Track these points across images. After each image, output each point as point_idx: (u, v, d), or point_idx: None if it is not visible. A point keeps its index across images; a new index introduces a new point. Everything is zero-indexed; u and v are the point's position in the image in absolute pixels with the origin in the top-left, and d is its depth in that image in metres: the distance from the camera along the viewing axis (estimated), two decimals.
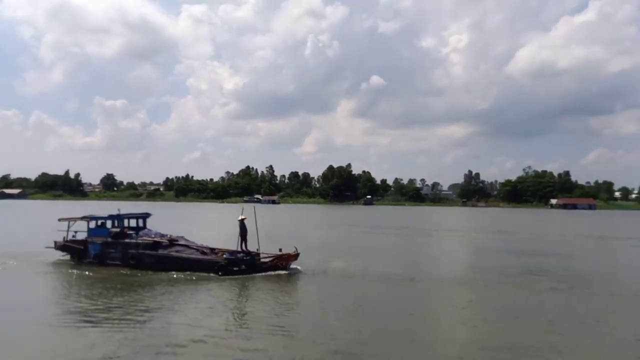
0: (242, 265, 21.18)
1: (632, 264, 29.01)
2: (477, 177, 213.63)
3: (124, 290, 18.22)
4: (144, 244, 22.99)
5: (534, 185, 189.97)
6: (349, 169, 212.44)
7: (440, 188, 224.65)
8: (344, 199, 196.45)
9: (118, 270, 22.21)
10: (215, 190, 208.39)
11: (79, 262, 24.26)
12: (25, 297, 17.18)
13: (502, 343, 11.95)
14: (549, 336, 12.53)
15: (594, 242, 43.68)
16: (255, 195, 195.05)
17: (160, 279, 20.16)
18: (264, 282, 19.91)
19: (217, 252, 22.61)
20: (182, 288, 18.55)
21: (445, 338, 12.54)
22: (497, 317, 14.63)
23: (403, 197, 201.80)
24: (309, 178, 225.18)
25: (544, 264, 26.18)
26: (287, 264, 21.69)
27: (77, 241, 24.99)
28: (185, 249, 22.79)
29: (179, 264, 21.83)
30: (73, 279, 20.74)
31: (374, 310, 15.50)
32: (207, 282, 19.83)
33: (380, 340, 12.06)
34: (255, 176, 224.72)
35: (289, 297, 17.48)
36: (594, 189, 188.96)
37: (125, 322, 13.47)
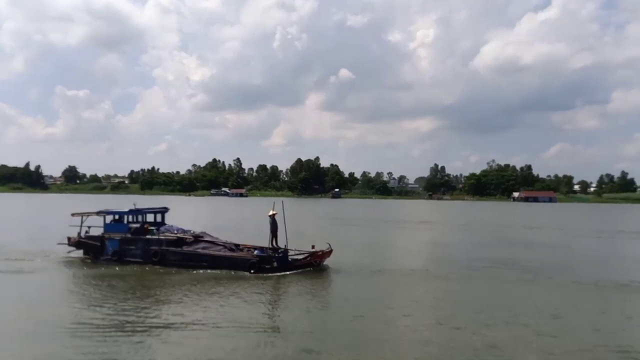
0: (274, 263, 20.38)
1: (590, 254, 30.39)
2: (442, 171, 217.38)
3: (151, 290, 17.40)
4: (167, 240, 22.03)
5: (498, 178, 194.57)
6: (318, 162, 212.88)
7: (407, 181, 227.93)
8: (312, 192, 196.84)
9: (139, 268, 21.33)
10: (182, 183, 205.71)
11: (96, 259, 23.25)
12: (46, 300, 16.11)
13: (470, 338, 12.39)
14: (515, 328, 13.17)
15: (555, 233, 45.41)
16: (223, 189, 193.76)
17: (187, 278, 19.40)
18: (300, 280, 19.11)
19: (242, 249, 21.90)
20: (214, 287, 17.75)
21: (411, 336, 12.54)
22: (463, 311, 15.04)
23: (370, 190, 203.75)
24: (278, 171, 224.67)
25: (509, 255, 27.20)
26: (320, 261, 21.07)
27: (93, 237, 23.86)
28: (212, 245, 21.95)
29: (206, 261, 20.98)
30: (93, 278, 19.64)
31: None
32: (240, 280, 18.96)
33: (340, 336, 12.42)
34: (223, 169, 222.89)
35: (337, 299, 16.69)
36: (554, 183, 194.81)
37: (160, 329, 12.55)
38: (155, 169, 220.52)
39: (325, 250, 21.06)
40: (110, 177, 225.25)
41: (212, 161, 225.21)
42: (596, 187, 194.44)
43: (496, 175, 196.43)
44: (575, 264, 25.29)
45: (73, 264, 22.83)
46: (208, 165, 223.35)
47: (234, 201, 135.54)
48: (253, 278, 19.36)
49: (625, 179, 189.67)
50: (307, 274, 20.10)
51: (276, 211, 21.40)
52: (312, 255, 20.95)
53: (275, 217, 21.51)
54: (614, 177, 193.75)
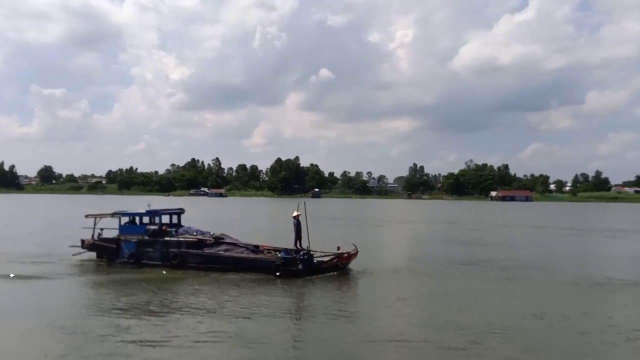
0: (299, 265, 19.64)
1: (567, 252, 31.11)
2: (421, 170, 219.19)
3: (174, 295, 16.81)
4: (187, 242, 21.37)
5: (475, 178, 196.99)
6: (298, 162, 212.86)
7: (386, 181, 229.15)
8: (292, 191, 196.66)
9: (158, 271, 20.64)
10: (160, 183, 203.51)
11: (111, 262, 22.53)
12: (67, 307, 15.11)
13: (449, 334, 12.59)
14: (499, 329, 13.39)
15: (532, 232, 46.27)
16: (202, 188, 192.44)
17: (210, 281, 18.78)
18: (329, 285, 18.52)
19: (262, 250, 21.28)
20: (239, 291, 17.14)
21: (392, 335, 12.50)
22: (444, 308, 15.27)
23: (350, 190, 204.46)
24: (257, 171, 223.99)
25: (488, 254, 27.69)
26: (346, 263, 20.36)
27: (109, 239, 23.13)
28: (234, 247, 21.27)
29: (229, 263, 20.36)
30: (112, 282, 19.01)
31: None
32: (266, 284, 18.37)
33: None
34: (202, 169, 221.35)
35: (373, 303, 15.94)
36: (530, 182, 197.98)
37: (186, 338, 11.87)
38: (133, 168, 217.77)
39: (351, 251, 20.29)
40: (87, 177, 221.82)
41: (191, 161, 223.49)
42: (571, 186, 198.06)
43: (474, 175, 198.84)
44: (552, 262, 25.80)
45: (88, 267, 22.18)
46: (187, 165, 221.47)
47: (214, 201, 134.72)
48: (278, 281, 18.78)
49: (600, 178, 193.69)
50: (334, 277, 19.56)
51: (300, 212, 20.84)
52: (339, 257, 20.22)
53: (299, 217, 20.87)
54: (588, 177, 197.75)
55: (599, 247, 34.53)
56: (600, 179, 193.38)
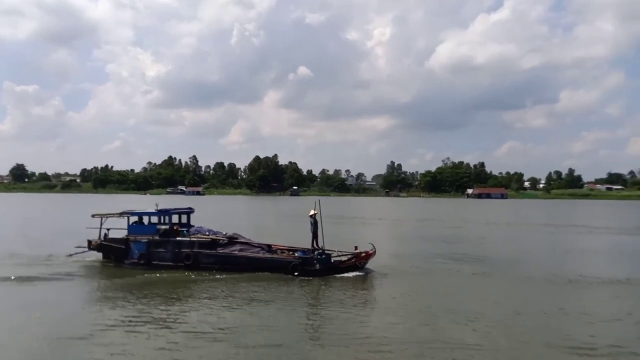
0: (317, 265, 19.42)
1: (541, 248, 31.79)
2: (399, 168, 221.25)
3: (189, 297, 16.42)
4: (200, 242, 21.01)
5: (452, 175, 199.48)
6: (276, 160, 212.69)
7: (365, 179, 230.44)
8: (270, 190, 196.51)
9: (171, 272, 20.14)
10: (136, 182, 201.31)
11: (119, 263, 21.95)
12: (79, 311, 14.64)
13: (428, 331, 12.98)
14: (480, 326, 13.76)
15: (508, 228, 47.17)
16: (179, 187, 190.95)
17: (225, 282, 18.46)
18: (348, 285, 18.27)
19: (275, 250, 21.03)
20: (257, 293, 16.77)
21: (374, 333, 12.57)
22: (424, 306, 15.61)
23: (329, 188, 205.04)
24: (235, 169, 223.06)
25: (466, 250, 28.12)
26: (364, 263, 20.06)
27: (117, 240, 22.51)
28: (248, 247, 20.96)
29: (244, 264, 20.00)
30: (124, 285, 18.40)
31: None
32: (284, 285, 18.07)
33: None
34: (179, 167, 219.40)
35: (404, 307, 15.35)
36: (506, 179, 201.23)
37: (205, 341, 11.72)
38: (108, 167, 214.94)
39: (369, 251, 20.00)
40: (61, 175, 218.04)
41: (167, 159, 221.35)
42: (545, 183, 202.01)
43: (451, 173, 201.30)
44: (528, 259, 26.25)
45: (95, 269, 21.70)
46: (164, 163, 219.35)
47: (191, 199, 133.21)
48: (297, 282, 18.54)
49: (572, 175, 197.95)
50: (353, 277, 19.28)
51: (317, 210, 20.52)
52: (356, 256, 19.96)
53: (316, 216, 20.54)
54: (561, 174, 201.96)
55: (572, 243, 35.36)
56: (573, 176, 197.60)
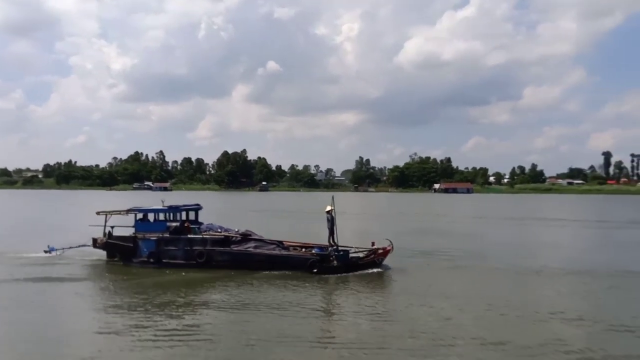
0: (335, 262, 19.19)
1: (506, 240, 32.82)
2: (367, 163, 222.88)
3: (208, 298, 15.92)
4: (213, 239, 20.41)
5: (419, 171, 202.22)
6: (245, 155, 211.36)
7: (334, 174, 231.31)
8: (239, 185, 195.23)
9: (183, 271, 19.67)
10: (101, 177, 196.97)
11: (127, 262, 21.27)
12: (93, 316, 13.96)
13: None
14: (455, 318, 14.23)
15: (475, 222, 48.40)
16: (146, 182, 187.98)
17: (244, 281, 17.97)
18: (371, 280, 18.23)
19: (287, 247, 20.69)
20: (278, 292, 16.38)
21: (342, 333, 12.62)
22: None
23: (298, 183, 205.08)
24: (203, 164, 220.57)
25: (434, 244, 28.77)
26: (382, 259, 19.87)
27: (125, 238, 21.81)
28: (263, 244, 20.53)
29: (260, 261, 19.58)
30: (138, 285, 17.75)
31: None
32: (304, 282, 17.71)
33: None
34: (146, 162, 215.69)
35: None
36: (471, 174, 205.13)
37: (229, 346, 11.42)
38: (72, 162, 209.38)
39: (387, 247, 19.80)
40: (22, 170, 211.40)
41: (134, 154, 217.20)
42: (509, 178, 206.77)
43: (418, 168, 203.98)
44: (495, 251, 27.06)
45: (103, 268, 21.14)
46: (130, 158, 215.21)
47: (159, 195, 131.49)
48: (317, 280, 18.22)
49: (535, 170, 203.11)
50: (372, 274, 19.15)
51: (332, 206, 20.31)
52: (374, 252, 19.80)
53: (332, 212, 20.27)
54: (525, 169, 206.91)
55: (536, 235, 36.65)
56: (535, 171, 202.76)
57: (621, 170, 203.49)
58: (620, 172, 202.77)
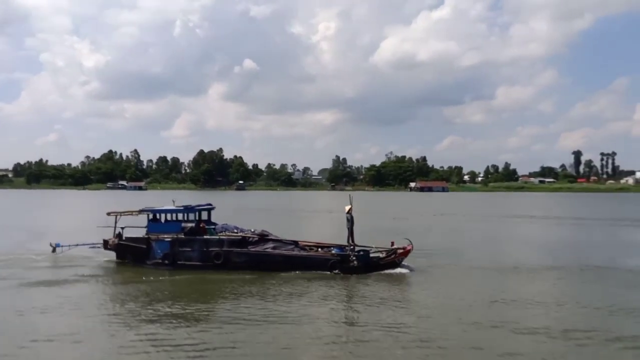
0: (355, 262, 18.98)
1: (484, 238, 33.58)
2: (344, 162, 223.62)
3: (233, 301, 15.38)
4: (230, 240, 19.93)
5: (396, 169, 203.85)
6: (221, 154, 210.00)
7: (311, 173, 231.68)
8: (216, 184, 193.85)
9: (200, 272, 19.22)
10: (74, 176, 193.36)
11: (139, 264, 20.67)
12: (112, 323, 13.23)
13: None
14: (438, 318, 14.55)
15: (452, 219, 49.23)
16: (120, 182, 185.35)
17: (265, 282, 17.59)
18: (394, 281, 18.07)
19: (303, 247, 20.35)
20: (302, 294, 16.04)
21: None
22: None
23: (275, 182, 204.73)
24: (179, 163, 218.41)
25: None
26: (402, 259, 19.64)
27: (137, 239, 21.22)
28: (281, 244, 20.16)
29: (279, 262, 19.24)
30: (156, 288, 17.02)
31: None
32: (327, 283, 17.49)
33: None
34: (120, 161, 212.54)
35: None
36: (446, 173, 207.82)
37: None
38: (43, 161, 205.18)
39: (407, 246, 19.54)
40: None
41: (107, 152, 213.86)
42: (483, 177, 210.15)
43: (394, 167, 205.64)
44: (472, 249, 27.48)
45: (113, 270, 20.64)
46: (103, 157, 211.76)
47: (133, 195, 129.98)
48: (340, 280, 18.01)
49: (508, 169, 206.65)
50: (394, 274, 18.98)
51: (351, 205, 19.96)
52: (394, 252, 19.57)
53: (351, 212, 19.95)
54: (498, 168, 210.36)
55: (510, 232, 37.52)
56: (509, 170, 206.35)
57: (591, 169, 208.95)
58: (590, 171, 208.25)
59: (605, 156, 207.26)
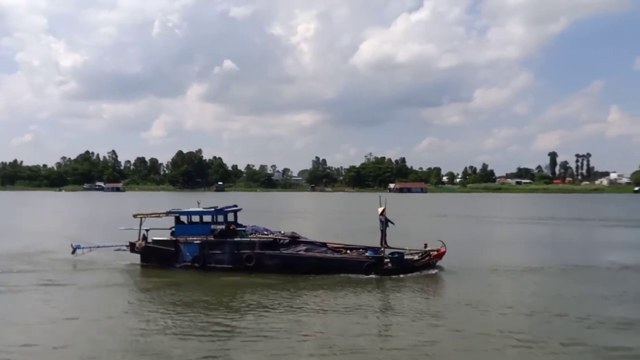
0: (389, 264, 18.90)
1: (464, 238, 33.98)
2: (324, 163, 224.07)
3: (274, 305, 14.98)
4: (261, 242, 19.65)
5: (375, 170, 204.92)
6: (200, 155, 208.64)
7: (291, 174, 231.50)
8: (194, 185, 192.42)
9: (232, 275, 18.92)
10: (49, 178, 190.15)
11: (168, 267, 20.31)
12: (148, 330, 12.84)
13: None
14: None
15: (432, 220, 49.70)
16: (97, 183, 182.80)
17: (304, 285, 17.41)
18: (433, 282, 18.05)
19: (333, 249, 20.09)
20: (345, 298, 15.77)
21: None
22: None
23: (255, 183, 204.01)
24: (157, 164, 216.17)
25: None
26: (436, 261, 19.64)
27: (165, 242, 20.81)
28: (313, 246, 19.85)
29: (313, 265, 19.00)
30: (192, 292, 16.77)
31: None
32: (365, 286, 17.30)
33: None
34: (97, 162, 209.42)
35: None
36: (425, 174, 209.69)
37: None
38: (18, 162, 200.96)
39: (440, 248, 19.60)
40: None
41: (84, 153, 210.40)
42: (461, 178, 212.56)
43: (374, 168, 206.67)
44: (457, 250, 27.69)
45: (140, 273, 20.29)
46: (79, 158, 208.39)
47: (110, 196, 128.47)
48: (379, 283, 17.84)
49: (486, 170, 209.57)
50: (429, 276, 19.00)
51: (384, 207, 19.78)
52: (428, 254, 19.57)
53: (385, 214, 19.81)
54: (476, 169, 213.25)
55: (490, 233, 38.09)
56: (486, 171, 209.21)
57: (566, 170, 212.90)
58: (565, 172, 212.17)
59: (580, 157, 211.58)
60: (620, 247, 30.44)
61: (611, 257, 25.05)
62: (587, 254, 25.91)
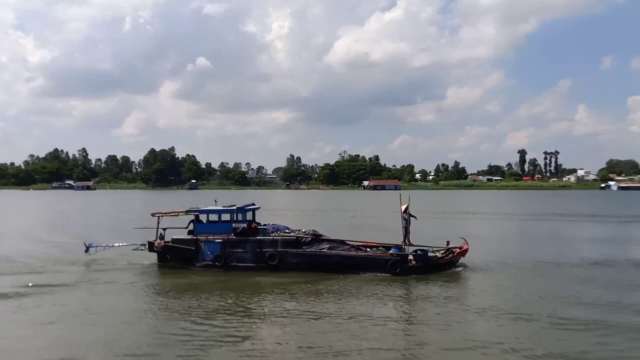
0: (413, 262, 18.74)
1: (438, 234, 34.63)
2: (298, 161, 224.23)
3: (308, 307, 14.61)
4: (284, 240, 19.46)
5: (349, 168, 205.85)
6: (173, 153, 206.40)
7: (265, 172, 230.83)
8: (167, 183, 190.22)
9: (255, 274, 18.67)
10: (17, 176, 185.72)
11: (188, 266, 19.98)
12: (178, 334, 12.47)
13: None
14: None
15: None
16: (67, 181, 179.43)
17: (331, 285, 17.12)
18: (463, 282, 17.92)
19: (354, 247, 19.91)
20: (374, 299, 15.53)
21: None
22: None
23: (229, 181, 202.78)
24: (129, 162, 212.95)
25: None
26: (459, 258, 19.60)
27: (185, 240, 20.45)
28: (336, 244, 19.64)
29: (336, 263, 18.81)
30: (215, 294, 16.34)
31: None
32: (391, 284, 17.18)
33: None
34: (66, 160, 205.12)
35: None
36: (399, 172, 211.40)
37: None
38: None
39: (463, 245, 19.52)
40: None
41: (53, 151, 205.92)
42: (434, 175, 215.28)
43: (348, 165, 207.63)
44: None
45: (158, 274, 19.90)
46: (48, 156, 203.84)
47: (80, 195, 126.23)
48: (404, 282, 17.64)
49: (458, 167, 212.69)
50: (454, 273, 18.99)
51: (407, 204, 19.61)
52: (452, 252, 19.51)
53: (408, 211, 19.55)
54: (448, 166, 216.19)
55: (462, 228, 38.82)
56: (458, 168, 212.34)
57: (535, 167, 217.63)
58: (534, 169, 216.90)
59: (548, 155, 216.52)
60: (588, 242, 31.32)
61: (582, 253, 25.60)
62: (558, 249, 26.59)
